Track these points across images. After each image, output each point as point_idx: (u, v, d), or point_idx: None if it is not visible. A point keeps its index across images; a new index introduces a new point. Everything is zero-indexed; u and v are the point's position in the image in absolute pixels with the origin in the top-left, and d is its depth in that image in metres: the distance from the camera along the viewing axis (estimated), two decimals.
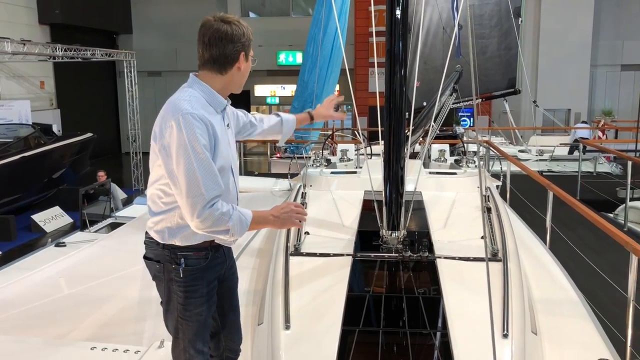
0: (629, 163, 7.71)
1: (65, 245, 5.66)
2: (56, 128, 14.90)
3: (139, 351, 2.80)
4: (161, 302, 2.37)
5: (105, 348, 2.90)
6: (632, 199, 7.97)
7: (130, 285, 4.12)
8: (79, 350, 2.95)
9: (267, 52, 20.59)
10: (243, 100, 19.34)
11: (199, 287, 2.28)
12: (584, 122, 15.55)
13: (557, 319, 3.35)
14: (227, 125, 2.40)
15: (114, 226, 6.95)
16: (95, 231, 7.03)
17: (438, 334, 2.83)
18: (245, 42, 2.27)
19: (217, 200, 2.15)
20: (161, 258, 2.29)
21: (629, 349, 3.38)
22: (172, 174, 2.15)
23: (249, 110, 2.79)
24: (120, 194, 11.63)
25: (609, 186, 9.85)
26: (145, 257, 2.35)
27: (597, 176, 11.22)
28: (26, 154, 11.52)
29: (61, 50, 12.88)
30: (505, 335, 2.69)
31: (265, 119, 2.83)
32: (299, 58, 19.86)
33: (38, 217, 10.43)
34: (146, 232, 2.34)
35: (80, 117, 18.47)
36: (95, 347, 2.91)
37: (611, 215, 8.11)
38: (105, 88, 21.75)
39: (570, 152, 12.91)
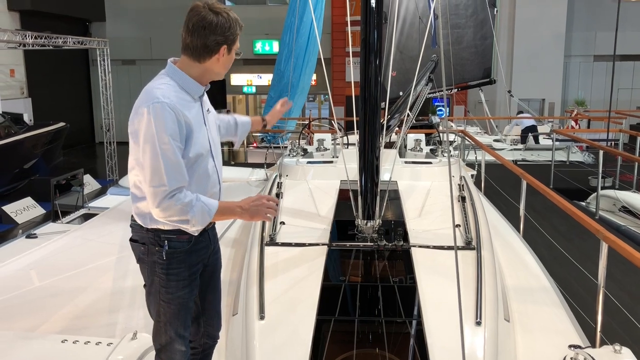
0: (601, 152, 7.85)
1: (36, 237, 5.54)
2: (27, 117, 14.55)
3: (111, 343, 2.76)
4: (144, 285, 2.35)
5: (77, 341, 2.85)
6: (603, 188, 8.12)
7: (103, 277, 4.07)
8: (50, 343, 2.90)
9: (243, 40, 20.06)
10: (219, 89, 19.13)
11: (181, 270, 2.28)
12: (520, 112, 15.70)
13: (530, 307, 3.41)
14: (208, 110, 2.40)
15: (87, 217, 6.84)
16: (68, 222, 6.91)
17: (413, 322, 2.85)
18: (230, 36, 2.25)
19: (180, 191, 2.14)
20: (145, 240, 2.28)
21: (598, 334, 3.45)
22: (138, 161, 2.17)
23: (225, 100, 2.76)
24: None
25: (581, 175, 10.02)
26: (130, 240, 2.35)
27: (570, 165, 11.41)
28: None
29: (31, 37, 12.55)
30: (478, 323, 2.72)
31: (223, 120, 2.78)
32: (275, 47, 19.73)
33: (9, 208, 10.20)
34: (132, 215, 2.33)
35: (53, 106, 18.09)
36: (66, 340, 2.87)
37: (583, 203, 8.26)
38: (78, 77, 21.30)
39: (522, 141, 13.13)
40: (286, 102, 3.11)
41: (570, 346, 2.79)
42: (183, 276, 2.29)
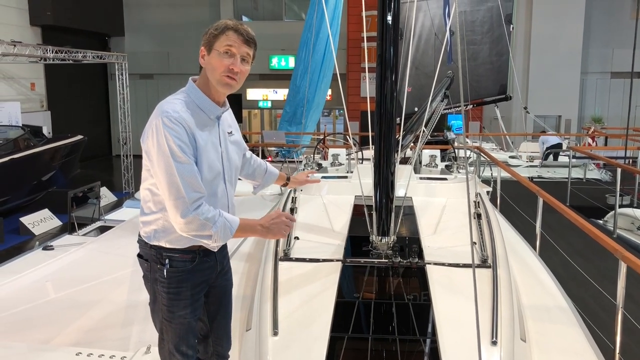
0: (618, 170, 7.76)
1: (53, 249, 5.60)
2: (46, 130, 14.77)
3: (124, 357, 2.77)
4: (149, 302, 2.36)
5: (91, 354, 2.86)
6: (621, 206, 8.02)
7: (118, 290, 4.09)
8: (64, 355, 2.92)
9: (259, 56, 20.19)
10: (235, 103, 19.30)
11: (183, 289, 2.26)
12: (543, 130, 15.63)
13: (546, 326, 3.35)
14: (231, 133, 2.38)
15: (102, 229, 6.90)
16: (84, 234, 6.97)
17: (427, 340, 2.82)
18: (209, 37, 2.23)
19: (201, 202, 2.13)
20: (149, 257, 2.28)
21: (617, 356, 3.38)
22: (156, 176, 2.16)
23: (241, 114, 2.78)
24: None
25: (598, 193, 9.91)
26: (138, 255, 2.35)
27: (587, 183, 11.28)
28: (15, 156, 11.41)
29: (52, 52, 12.79)
30: (494, 343, 2.68)
31: (257, 161, 2.83)
32: (291, 62, 19.86)
33: (27, 220, 10.32)
34: (139, 231, 2.33)
35: (71, 119, 18.36)
36: (80, 353, 2.88)
37: (600, 221, 8.15)
38: (97, 90, 21.62)
39: (545, 158, 13.08)
40: (313, 177, 3.27)
41: None
42: (185, 295, 2.26)
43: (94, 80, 21.28)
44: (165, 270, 2.23)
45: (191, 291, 2.28)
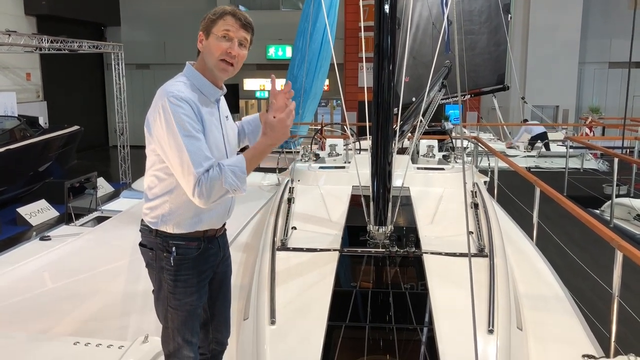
0: (615, 160, 7.77)
1: (50, 239, 5.59)
2: (42, 120, 14.71)
3: (122, 346, 2.77)
4: (153, 290, 2.35)
5: (89, 343, 2.86)
6: (618, 196, 8.03)
7: (115, 280, 4.09)
8: (62, 345, 2.92)
9: (256, 45, 20.09)
10: (232, 94, 19.22)
11: (189, 276, 2.27)
12: (525, 120, 15.49)
13: (543, 315, 3.37)
14: (227, 117, 2.40)
15: (100, 220, 6.89)
16: (81, 225, 6.96)
17: (424, 329, 2.83)
18: (207, 22, 2.25)
19: (206, 172, 2.10)
20: (154, 246, 2.28)
21: (613, 344, 3.40)
22: (166, 157, 2.15)
23: (238, 104, 2.73)
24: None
25: (595, 183, 9.92)
26: (140, 244, 2.34)
27: (584, 173, 11.29)
28: (11, 147, 11.37)
29: (47, 41, 12.70)
30: (490, 331, 2.69)
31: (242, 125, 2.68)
32: (288, 52, 19.79)
33: (24, 211, 10.31)
34: (142, 219, 2.33)
35: (67, 110, 18.28)
36: (78, 342, 2.88)
37: (597, 211, 8.17)
38: (93, 80, 21.52)
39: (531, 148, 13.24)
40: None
41: (584, 356, 2.76)
42: (191, 283, 2.27)
43: (90, 71, 21.18)
44: (172, 258, 2.23)
45: (197, 278, 2.29)
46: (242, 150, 2.34)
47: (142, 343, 2.75)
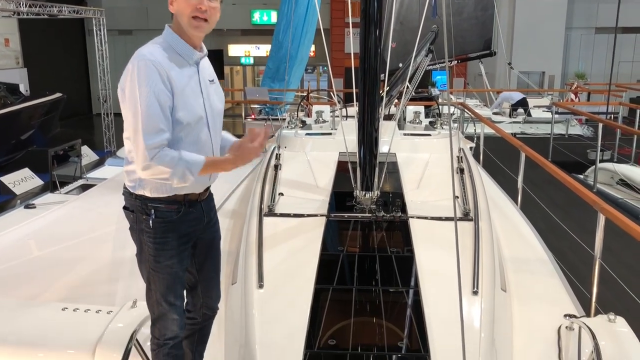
0: (600, 125, 7.85)
1: (35, 207, 5.55)
2: (23, 88, 14.44)
3: (111, 311, 2.78)
4: (136, 253, 2.37)
5: (77, 309, 2.86)
6: (602, 161, 8.13)
7: (102, 247, 4.08)
8: (50, 310, 2.92)
9: (241, 10, 20.14)
10: (217, 60, 18.96)
11: (169, 239, 2.27)
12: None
13: (526, 277, 3.43)
14: (212, 81, 2.37)
15: (85, 187, 6.84)
16: (66, 193, 6.91)
17: (410, 291, 2.87)
18: None
19: (162, 149, 2.11)
20: (134, 208, 2.28)
21: (593, 304, 3.49)
22: (126, 119, 2.17)
23: (223, 71, 2.70)
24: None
25: (580, 148, 10.03)
26: (123, 207, 2.34)
27: (569, 138, 11.39)
28: None
29: (25, 6, 12.36)
30: (475, 292, 2.74)
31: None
32: (273, 17, 19.49)
33: (7, 179, 10.17)
34: (124, 183, 2.33)
35: (49, 77, 17.94)
36: (66, 308, 2.88)
37: (581, 176, 8.28)
38: (74, 47, 21.08)
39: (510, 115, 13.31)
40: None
41: (565, 315, 2.83)
42: (171, 246, 2.27)
43: (72, 37, 20.72)
44: (150, 221, 2.23)
45: (177, 241, 2.29)
46: None
47: (130, 308, 2.76)
